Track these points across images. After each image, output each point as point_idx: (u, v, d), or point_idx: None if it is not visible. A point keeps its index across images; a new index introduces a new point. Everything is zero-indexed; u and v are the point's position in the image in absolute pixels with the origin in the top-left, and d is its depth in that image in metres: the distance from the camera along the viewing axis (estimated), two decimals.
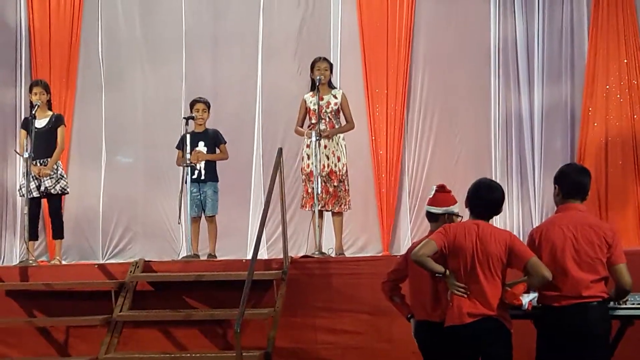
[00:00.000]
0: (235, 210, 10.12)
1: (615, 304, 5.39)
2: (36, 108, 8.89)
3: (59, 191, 8.96)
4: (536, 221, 9.45)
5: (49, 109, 9.14)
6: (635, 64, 9.50)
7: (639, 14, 9.61)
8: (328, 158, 8.57)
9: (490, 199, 5.49)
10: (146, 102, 10.86)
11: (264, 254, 9.73)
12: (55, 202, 9.07)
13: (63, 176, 9.03)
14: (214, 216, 8.96)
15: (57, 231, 9.12)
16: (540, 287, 5.29)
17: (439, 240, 5.38)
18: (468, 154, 10.06)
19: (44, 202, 9.13)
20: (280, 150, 8.02)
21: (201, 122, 9.04)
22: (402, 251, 9.57)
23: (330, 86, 8.79)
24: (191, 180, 8.78)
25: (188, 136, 8.74)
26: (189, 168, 8.71)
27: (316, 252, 8.29)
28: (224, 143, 9.08)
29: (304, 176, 8.69)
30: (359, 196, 9.65)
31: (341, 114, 8.77)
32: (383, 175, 10.06)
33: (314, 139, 8.39)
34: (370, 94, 10.15)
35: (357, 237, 10.13)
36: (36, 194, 8.86)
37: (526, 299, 5.29)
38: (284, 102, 10.21)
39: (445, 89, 10.18)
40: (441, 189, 5.95)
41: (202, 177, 8.89)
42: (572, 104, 9.81)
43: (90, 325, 7.83)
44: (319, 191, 8.35)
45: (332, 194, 8.56)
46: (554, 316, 5.28)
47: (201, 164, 8.90)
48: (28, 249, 8.83)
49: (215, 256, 8.85)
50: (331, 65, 8.83)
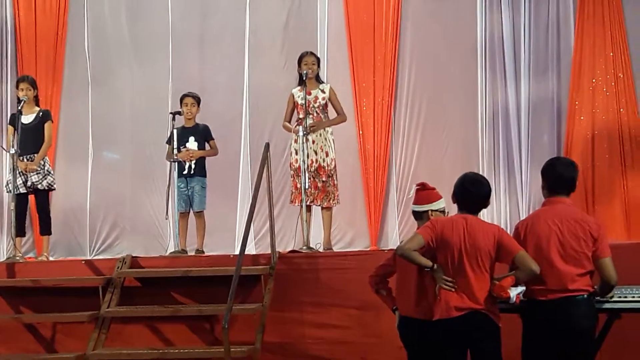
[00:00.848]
0: (223, 205, 10.11)
1: (601, 298, 5.39)
2: (22, 104, 8.86)
3: (46, 187, 8.92)
4: (523, 215, 9.46)
5: (36, 104, 9.10)
6: (621, 57, 9.54)
7: (625, 8, 9.63)
8: (316, 153, 8.56)
9: (477, 193, 5.49)
10: (133, 99, 10.84)
11: (251, 249, 9.75)
12: (43, 198, 9.03)
13: (50, 172, 9.00)
14: (202, 211, 8.95)
15: (45, 227, 9.08)
16: (528, 280, 5.30)
17: (425, 234, 5.37)
18: (455, 148, 10.08)
19: (31, 198, 9.10)
20: (267, 145, 8.02)
21: (190, 117, 9.02)
22: (390, 246, 9.63)
23: (318, 80, 8.77)
24: (179, 175, 8.78)
25: (175, 131, 8.72)
26: (176, 163, 8.70)
27: (304, 247, 8.29)
28: (213, 139, 9.07)
29: (292, 171, 8.68)
30: (346, 191, 9.66)
31: (329, 108, 8.76)
32: (371, 170, 10.07)
33: (301, 134, 8.38)
34: (358, 88, 10.16)
35: (345, 232, 10.15)
36: (23, 189, 8.83)
37: (514, 292, 5.26)
38: (271, 98, 10.20)
39: (432, 83, 10.21)
40: (422, 187, 5.92)
41: (192, 172, 8.88)
42: (558, 98, 9.84)
43: (77, 321, 7.81)
44: (307, 186, 8.35)
45: (320, 189, 8.56)
46: (540, 310, 5.29)
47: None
48: (15, 245, 8.82)
49: (203, 251, 8.85)
50: (318, 60, 8.79)
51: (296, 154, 8.59)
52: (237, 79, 10.59)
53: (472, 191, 5.48)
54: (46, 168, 8.95)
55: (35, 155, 8.85)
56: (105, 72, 10.90)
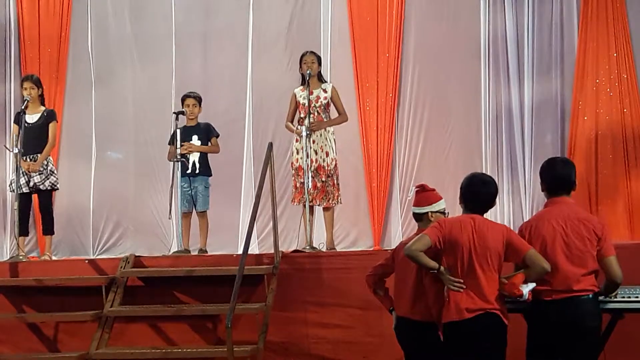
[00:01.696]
0: (226, 205, 10.10)
1: (606, 297, 5.39)
2: (25, 103, 8.86)
3: (48, 187, 8.90)
4: (527, 215, 9.46)
5: (41, 104, 9.09)
6: (625, 57, 9.52)
7: (629, 8, 9.62)
8: (316, 153, 8.56)
9: (484, 193, 5.45)
10: (136, 98, 10.84)
11: (255, 249, 9.74)
12: (46, 197, 9.02)
13: (53, 172, 8.98)
14: (205, 211, 8.95)
15: (48, 227, 9.08)
16: (538, 279, 5.27)
17: (433, 234, 5.30)
18: (458, 148, 10.07)
19: (34, 197, 9.09)
20: (271, 145, 8.01)
21: (192, 117, 9.02)
22: (393, 246, 9.60)
23: (320, 80, 8.77)
24: (183, 174, 8.78)
25: (179, 131, 8.72)
26: (179, 163, 8.70)
27: (307, 247, 8.29)
28: (217, 136, 9.06)
29: (293, 171, 8.69)
30: (350, 191, 9.67)
31: (331, 107, 8.76)
32: (374, 169, 10.06)
33: (304, 133, 8.38)
34: (361, 88, 10.16)
35: (348, 232, 10.14)
36: (26, 189, 8.82)
37: (526, 289, 5.21)
38: (274, 98, 10.21)
39: (435, 83, 10.20)
40: (421, 188, 5.89)
41: (197, 170, 8.88)
42: (562, 98, 9.83)
43: (80, 320, 7.81)
44: (309, 186, 8.35)
45: (319, 189, 8.55)
46: (545, 310, 5.27)
47: (195, 158, 8.89)
48: (18, 244, 8.82)
49: (206, 251, 8.84)
50: (319, 58, 8.78)
51: (297, 153, 8.59)
52: (241, 78, 10.59)
53: (481, 191, 5.45)
54: (49, 168, 8.93)
55: (39, 155, 8.84)
56: (108, 72, 10.91)
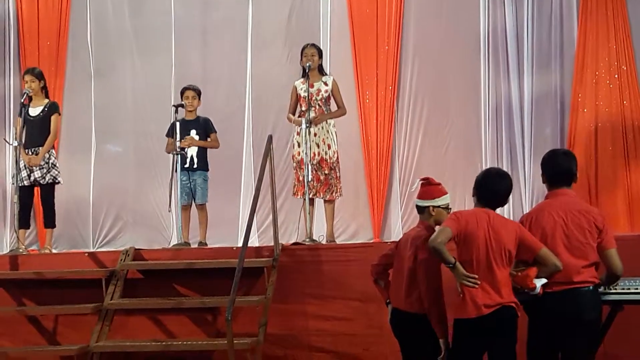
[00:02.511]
0: (226, 198, 10.11)
1: (606, 289, 5.40)
2: (24, 96, 8.84)
3: (49, 181, 8.86)
4: (526, 208, 9.46)
5: (45, 96, 9.06)
6: (624, 50, 9.52)
7: (628, 0, 9.61)
8: (318, 146, 8.56)
9: (500, 188, 5.45)
10: (136, 91, 10.84)
11: (254, 242, 9.74)
12: (47, 191, 8.97)
13: (55, 165, 8.92)
14: (204, 204, 8.95)
15: (49, 220, 9.05)
16: (550, 276, 5.25)
17: (453, 226, 5.26)
18: (458, 141, 10.07)
19: (36, 190, 9.06)
20: (270, 137, 7.99)
21: (191, 109, 9.01)
22: (392, 238, 9.63)
23: (321, 72, 8.76)
24: (182, 168, 8.78)
25: (178, 124, 8.72)
26: (179, 156, 8.70)
27: (307, 240, 8.29)
28: (215, 132, 9.06)
29: (295, 164, 8.68)
30: (349, 183, 9.66)
31: (332, 100, 8.76)
32: (374, 162, 10.07)
33: (304, 126, 8.38)
34: (360, 81, 10.15)
35: (348, 224, 10.15)
36: (27, 182, 8.81)
37: (539, 283, 5.22)
38: (273, 91, 10.20)
39: (435, 77, 10.19)
40: (426, 181, 5.85)
41: (195, 165, 8.88)
42: (561, 91, 9.83)
43: (81, 313, 7.81)
44: (310, 179, 8.35)
45: (323, 182, 8.56)
46: (546, 302, 5.27)
47: (193, 152, 8.89)
48: (18, 237, 8.81)
49: (206, 244, 8.85)
50: (320, 51, 8.77)
51: (299, 146, 8.59)
52: (240, 71, 10.59)
53: (496, 186, 5.45)
54: (51, 161, 8.88)
55: (41, 148, 8.81)
56: (107, 65, 10.90)
